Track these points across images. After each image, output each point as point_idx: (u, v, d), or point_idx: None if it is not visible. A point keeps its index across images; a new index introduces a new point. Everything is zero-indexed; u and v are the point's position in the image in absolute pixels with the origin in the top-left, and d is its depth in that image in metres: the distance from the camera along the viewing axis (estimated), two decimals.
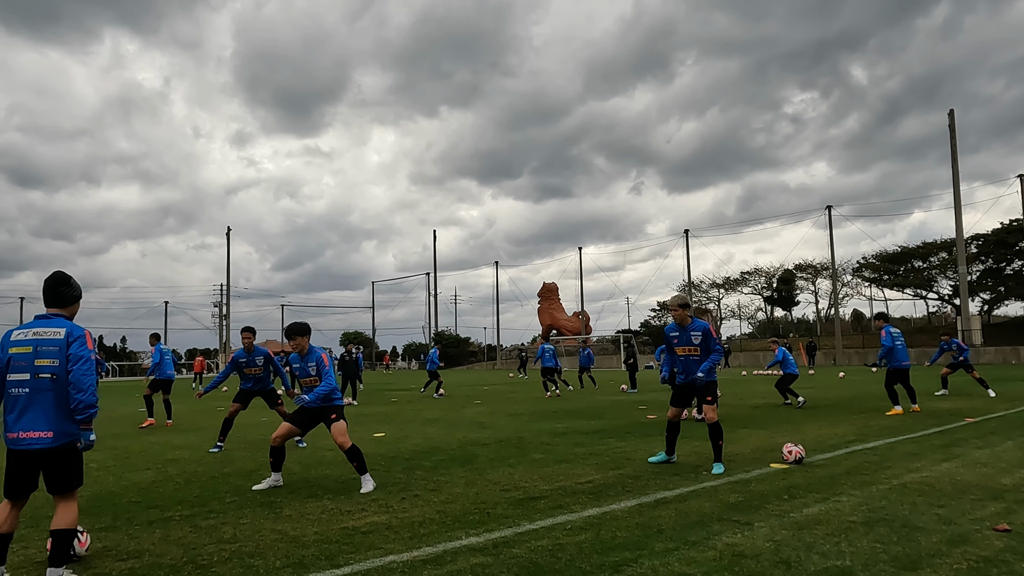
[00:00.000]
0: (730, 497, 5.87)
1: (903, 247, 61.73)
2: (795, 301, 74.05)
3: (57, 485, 4.09)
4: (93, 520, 5.61)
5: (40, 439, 3.99)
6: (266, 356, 9.99)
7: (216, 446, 9.78)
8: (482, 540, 4.73)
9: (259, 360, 9.90)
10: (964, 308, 46.65)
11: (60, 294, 4.24)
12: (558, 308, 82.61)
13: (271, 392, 10.01)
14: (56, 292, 4.24)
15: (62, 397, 4.05)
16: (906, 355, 12.41)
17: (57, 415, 4.03)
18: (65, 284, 4.26)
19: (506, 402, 18.38)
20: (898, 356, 12.36)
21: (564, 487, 6.48)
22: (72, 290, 4.29)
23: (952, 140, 45.88)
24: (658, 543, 4.56)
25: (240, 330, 10.13)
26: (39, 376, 4.03)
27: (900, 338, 12.51)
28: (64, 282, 4.27)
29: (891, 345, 12.28)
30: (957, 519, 4.98)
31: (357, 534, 4.97)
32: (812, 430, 10.33)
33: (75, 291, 4.31)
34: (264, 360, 9.93)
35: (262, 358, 9.93)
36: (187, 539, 4.97)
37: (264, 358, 9.94)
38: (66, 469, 4.09)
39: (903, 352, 12.38)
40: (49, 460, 4.04)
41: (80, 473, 4.21)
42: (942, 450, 8.10)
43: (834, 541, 4.50)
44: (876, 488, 6.08)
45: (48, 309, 4.25)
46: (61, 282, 4.26)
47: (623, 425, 11.67)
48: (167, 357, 14.20)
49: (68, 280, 4.29)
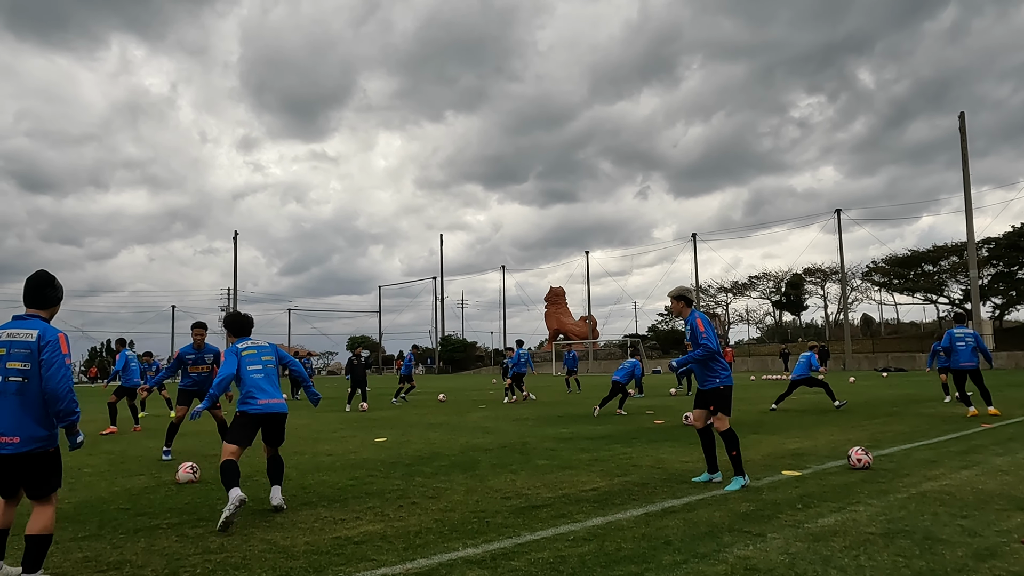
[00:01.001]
0: (741, 506, 5.61)
1: (913, 251, 61.12)
2: (804, 305, 73.48)
3: (30, 489, 3.91)
4: (78, 528, 5.40)
5: (6, 444, 3.79)
6: (215, 355, 9.52)
7: (165, 452, 9.32)
8: (480, 552, 4.49)
9: (208, 358, 9.44)
10: (975, 313, 46.09)
11: (44, 296, 4.06)
12: (565, 312, 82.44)
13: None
14: (40, 293, 4.06)
15: (31, 401, 3.85)
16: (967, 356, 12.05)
17: (24, 420, 3.83)
18: (49, 285, 4.08)
19: (511, 407, 18.14)
20: (956, 358, 12.12)
21: (568, 495, 6.24)
22: (56, 291, 4.11)
23: (963, 143, 45.39)
24: (665, 555, 4.31)
25: (191, 325, 9.70)
26: (8, 379, 3.84)
27: (963, 339, 12.13)
28: (48, 283, 4.09)
29: (946, 346, 12.23)
30: (982, 531, 4.72)
31: (349, 544, 4.74)
32: (824, 436, 10.05)
33: (58, 292, 4.14)
34: (213, 359, 9.46)
35: (211, 356, 9.47)
36: (172, 549, 4.75)
37: (213, 356, 9.48)
38: (37, 474, 3.89)
39: (963, 353, 12.06)
40: (18, 465, 3.84)
41: (57, 477, 4.03)
42: (960, 457, 7.82)
43: (852, 555, 4.24)
44: (894, 497, 5.81)
45: (27, 310, 4.06)
46: (45, 283, 4.08)
47: (630, 430, 11.41)
48: (132, 364, 13.89)
49: (52, 281, 4.11)
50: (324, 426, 13.63)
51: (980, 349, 12.12)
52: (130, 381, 13.74)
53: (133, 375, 13.81)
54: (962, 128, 45.61)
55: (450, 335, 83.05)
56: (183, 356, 9.39)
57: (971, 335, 12.17)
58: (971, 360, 12.05)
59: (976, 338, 12.17)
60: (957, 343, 12.14)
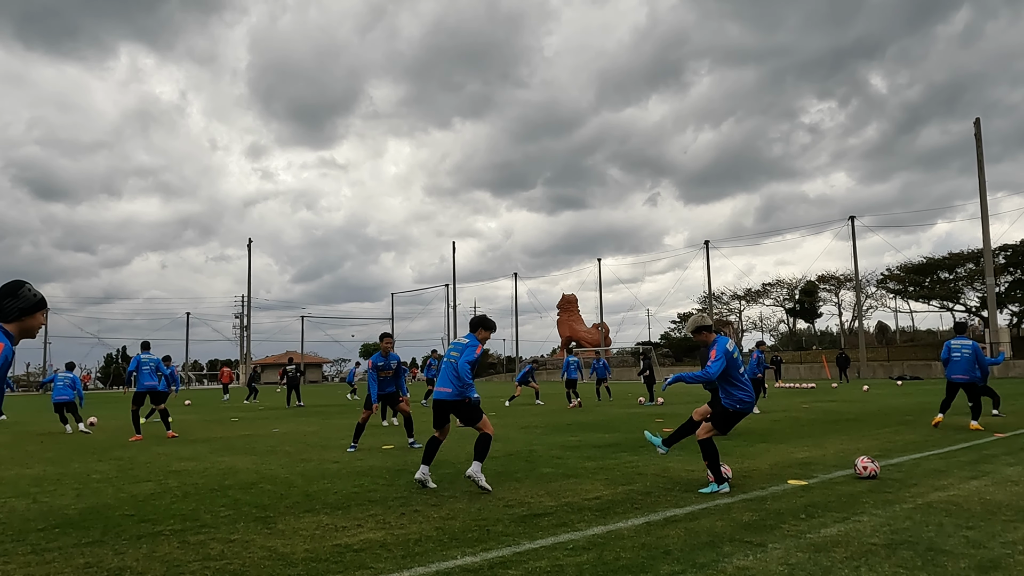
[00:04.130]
0: (743, 516, 5.57)
1: (928, 258, 60.61)
2: (818, 313, 72.98)
3: None
4: (81, 534, 5.44)
5: None
6: (398, 360, 11.01)
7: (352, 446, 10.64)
8: (478, 560, 4.48)
9: (392, 364, 10.87)
10: (992, 320, 45.59)
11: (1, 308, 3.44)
12: (577, 320, 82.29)
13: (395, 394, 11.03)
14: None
15: None
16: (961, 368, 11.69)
17: None
18: (10, 296, 3.46)
19: (521, 414, 18.12)
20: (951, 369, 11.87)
21: (570, 503, 6.22)
22: (16, 301, 3.47)
23: (978, 149, 45.01)
24: (664, 565, 4.28)
25: (380, 335, 11.05)
26: None
27: (959, 350, 11.78)
28: (9, 293, 3.47)
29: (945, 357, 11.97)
30: (987, 542, 4.65)
31: (349, 552, 4.75)
32: (834, 445, 9.97)
33: (20, 303, 3.48)
34: (396, 364, 10.93)
35: (395, 362, 10.93)
36: (173, 555, 4.78)
37: (396, 362, 10.97)
38: None
39: (957, 365, 11.73)
40: None
41: None
42: (970, 467, 7.72)
43: (853, 565, 4.20)
44: (899, 507, 5.74)
45: None
46: (4, 295, 3.47)
47: (638, 439, 11.35)
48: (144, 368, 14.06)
49: (15, 291, 3.48)
50: (332, 433, 13.67)
51: (979, 361, 11.71)
52: (141, 385, 13.92)
53: (144, 379, 13.96)
54: (978, 134, 45.25)
55: None
56: (376, 364, 10.75)
57: (969, 346, 11.79)
58: (966, 373, 11.66)
59: (975, 349, 11.77)
60: (953, 354, 11.82)
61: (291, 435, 13.52)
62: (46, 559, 4.75)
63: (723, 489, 6.60)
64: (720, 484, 6.65)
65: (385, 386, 10.85)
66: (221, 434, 14.17)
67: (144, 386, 13.89)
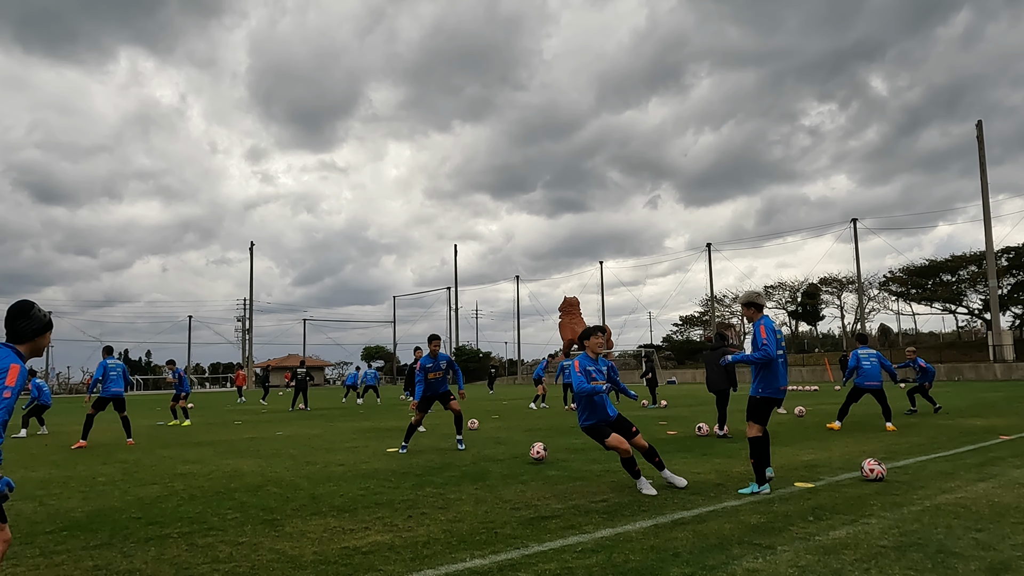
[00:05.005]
0: (752, 518, 5.56)
1: (931, 260, 60.57)
2: (820, 316, 72.94)
3: None
4: (89, 537, 5.44)
5: None
6: (448, 360, 10.91)
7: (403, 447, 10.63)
8: (487, 562, 4.48)
9: (442, 364, 10.78)
10: (995, 323, 45.55)
11: (16, 329, 3.55)
12: (579, 323, 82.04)
13: (447, 393, 10.94)
14: (10, 326, 3.58)
15: None
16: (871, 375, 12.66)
17: None
18: (23, 317, 3.55)
19: (524, 417, 18.11)
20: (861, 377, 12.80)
21: (577, 506, 6.22)
22: (31, 323, 3.56)
23: (980, 151, 45.02)
24: (674, 568, 4.28)
25: (428, 337, 10.94)
26: None
27: (867, 359, 12.80)
28: (22, 314, 3.56)
29: (853, 365, 12.88)
30: (997, 544, 4.65)
31: (357, 554, 4.75)
32: (839, 447, 9.96)
33: (34, 323, 3.57)
34: (447, 364, 10.85)
35: (444, 362, 10.82)
36: (181, 558, 4.78)
37: (447, 362, 10.86)
38: None
39: (867, 372, 12.69)
40: None
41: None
42: (977, 469, 7.71)
43: (863, 567, 4.19)
44: (908, 510, 5.74)
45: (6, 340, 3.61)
46: (17, 315, 3.57)
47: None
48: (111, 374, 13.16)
49: (27, 312, 3.57)
50: (337, 436, 13.68)
51: (884, 367, 12.92)
52: (107, 391, 13.06)
53: (111, 385, 13.08)
54: (980, 137, 45.27)
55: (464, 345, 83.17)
56: (424, 365, 10.68)
57: (875, 355, 12.95)
58: (876, 379, 12.65)
59: (879, 357, 13.00)
60: (863, 363, 12.76)
61: (295, 438, 13.52)
62: (55, 562, 4.75)
63: (763, 490, 6.60)
64: (761, 485, 6.63)
65: (437, 387, 10.81)
66: (225, 437, 14.17)
67: (110, 392, 13.09)
